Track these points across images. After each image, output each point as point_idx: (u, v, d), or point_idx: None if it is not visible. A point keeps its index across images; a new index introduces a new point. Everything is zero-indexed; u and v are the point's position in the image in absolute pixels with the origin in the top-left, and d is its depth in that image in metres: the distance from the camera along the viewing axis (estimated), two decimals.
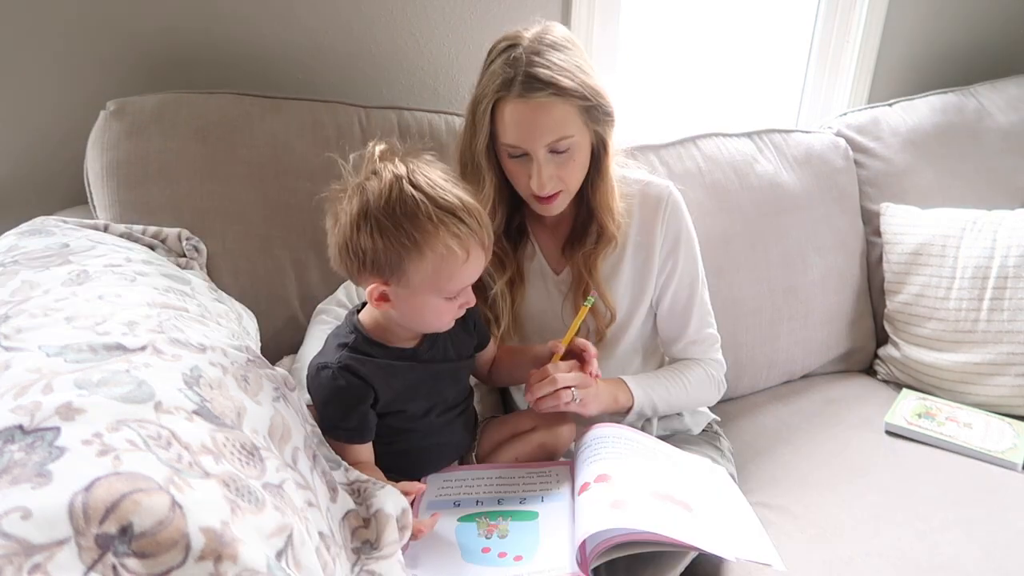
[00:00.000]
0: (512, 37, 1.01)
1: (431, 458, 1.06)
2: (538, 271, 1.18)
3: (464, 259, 0.89)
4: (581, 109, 0.99)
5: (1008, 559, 1.05)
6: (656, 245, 1.14)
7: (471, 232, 0.88)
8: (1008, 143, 1.73)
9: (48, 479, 0.51)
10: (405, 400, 0.98)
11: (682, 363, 1.20)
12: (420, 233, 0.86)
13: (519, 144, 1.00)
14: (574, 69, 0.98)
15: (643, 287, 1.16)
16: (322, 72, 1.37)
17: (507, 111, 0.99)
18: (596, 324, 1.16)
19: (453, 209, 0.87)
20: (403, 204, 0.86)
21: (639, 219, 1.14)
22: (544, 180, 1.01)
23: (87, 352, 0.67)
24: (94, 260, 0.90)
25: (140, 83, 1.25)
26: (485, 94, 1.00)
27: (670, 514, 0.88)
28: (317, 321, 1.17)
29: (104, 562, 0.49)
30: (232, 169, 1.18)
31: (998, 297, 1.43)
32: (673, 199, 1.15)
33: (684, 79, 1.77)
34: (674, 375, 1.17)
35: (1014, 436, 1.32)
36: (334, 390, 0.93)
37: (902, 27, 1.85)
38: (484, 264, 0.94)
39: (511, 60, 0.98)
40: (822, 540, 1.09)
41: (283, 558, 0.60)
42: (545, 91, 0.96)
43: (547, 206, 1.07)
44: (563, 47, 1.00)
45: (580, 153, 1.03)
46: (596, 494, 0.91)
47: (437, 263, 0.88)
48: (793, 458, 1.31)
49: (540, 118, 0.98)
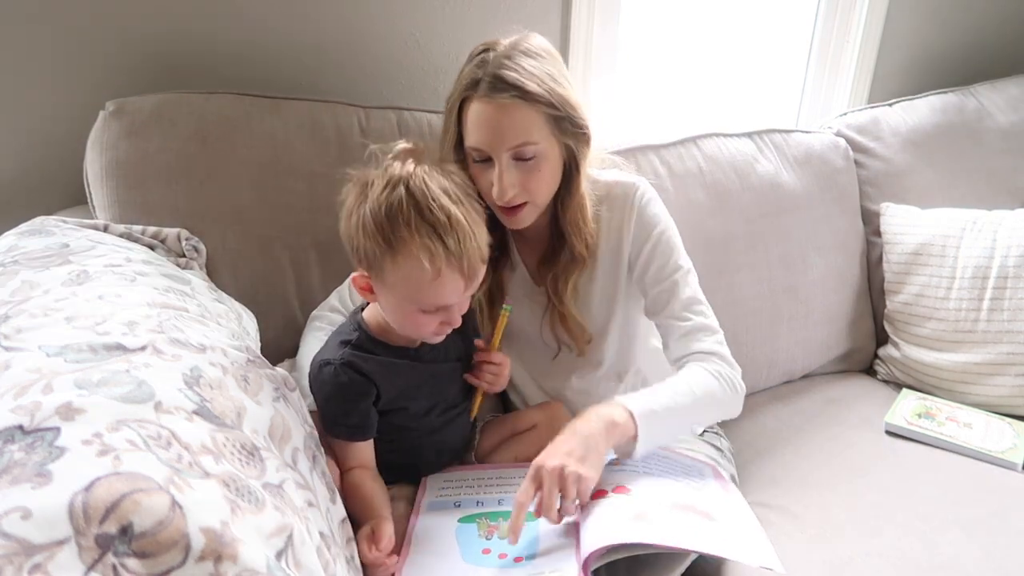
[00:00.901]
0: (489, 43, 1.00)
1: (431, 456, 1.06)
2: (520, 283, 1.17)
3: (433, 276, 0.86)
4: (549, 118, 0.97)
5: (1008, 559, 1.05)
6: (625, 246, 1.11)
7: (447, 252, 0.86)
8: (1008, 143, 1.73)
9: (48, 479, 0.51)
10: (407, 398, 0.98)
11: (680, 371, 1.06)
12: (396, 237, 0.86)
13: (481, 147, 0.98)
14: (544, 76, 0.96)
15: (616, 290, 1.14)
16: (322, 72, 1.37)
17: (472, 111, 0.98)
18: (575, 343, 1.15)
19: (435, 223, 0.85)
20: (390, 204, 0.86)
21: (608, 221, 1.11)
22: (505, 186, 0.98)
23: (87, 352, 0.67)
24: (94, 260, 0.90)
25: (140, 83, 1.25)
26: (453, 94, 1.00)
27: (693, 525, 0.88)
28: (312, 327, 1.16)
29: (104, 562, 0.49)
30: (232, 169, 1.18)
31: (998, 297, 1.43)
32: (639, 195, 1.11)
33: (684, 79, 1.77)
34: (669, 382, 1.03)
35: (1014, 436, 1.32)
36: (336, 386, 0.93)
37: (902, 27, 1.85)
38: (463, 290, 0.90)
39: (481, 62, 0.98)
40: (822, 540, 1.09)
41: (283, 558, 0.60)
42: (508, 92, 0.95)
43: (511, 217, 1.04)
44: (537, 55, 0.98)
45: (547, 164, 1.00)
46: (616, 504, 0.90)
47: (407, 272, 0.87)
48: (793, 458, 1.31)
49: (503, 120, 0.96)
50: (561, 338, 1.16)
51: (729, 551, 0.87)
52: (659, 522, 0.87)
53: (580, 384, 1.20)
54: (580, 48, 1.53)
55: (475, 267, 0.89)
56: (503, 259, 1.15)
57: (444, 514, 0.96)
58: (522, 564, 0.86)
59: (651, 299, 1.11)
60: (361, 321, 0.98)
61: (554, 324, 1.15)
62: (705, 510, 0.92)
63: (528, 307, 1.17)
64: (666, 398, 0.98)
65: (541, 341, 1.18)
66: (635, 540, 0.83)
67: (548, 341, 1.17)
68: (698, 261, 1.18)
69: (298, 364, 1.10)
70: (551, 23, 1.50)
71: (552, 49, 1.02)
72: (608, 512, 0.89)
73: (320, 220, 1.21)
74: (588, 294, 1.14)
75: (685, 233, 1.16)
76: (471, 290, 0.92)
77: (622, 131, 1.45)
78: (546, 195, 1.04)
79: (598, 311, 1.15)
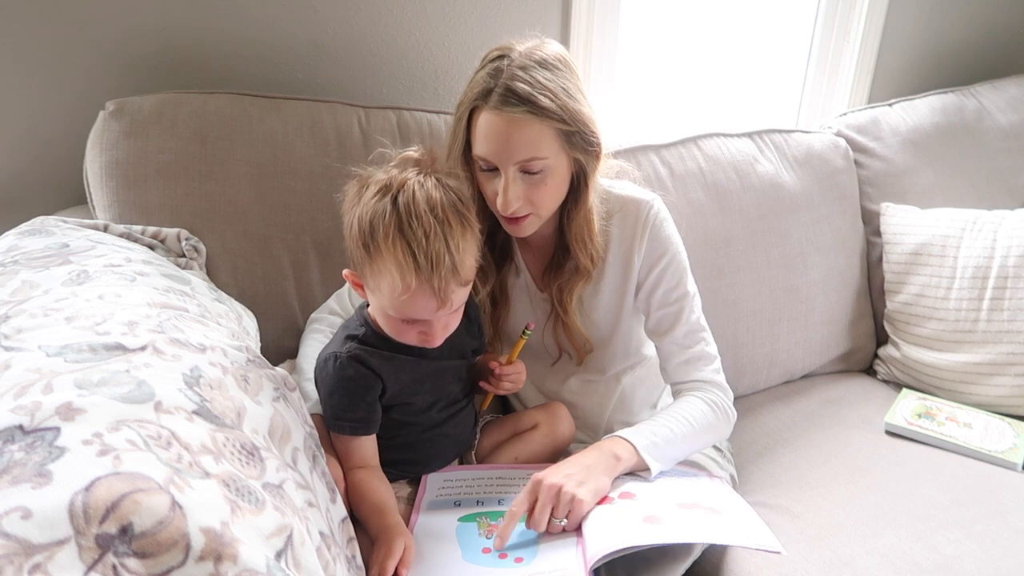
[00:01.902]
0: (504, 48, 0.98)
1: (433, 451, 1.06)
2: (523, 288, 1.17)
3: (403, 291, 0.86)
4: (560, 133, 0.95)
5: (1008, 559, 1.05)
6: (635, 264, 1.10)
7: (418, 270, 0.84)
8: (1008, 143, 1.73)
9: (48, 479, 0.51)
10: (411, 393, 0.99)
11: (682, 400, 1.09)
12: (374, 246, 0.86)
13: (488, 158, 0.97)
14: (558, 90, 0.94)
15: (622, 300, 1.14)
16: (322, 72, 1.37)
17: (481, 122, 0.96)
18: (576, 352, 1.15)
19: (410, 240, 0.84)
20: (375, 213, 0.86)
21: (619, 236, 1.10)
22: (510, 199, 0.97)
23: (87, 352, 0.67)
24: (94, 260, 0.90)
25: (139, 83, 1.25)
26: (464, 101, 0.99)
27: (703, 520, 0.91)
28: (311, 330, 1.16)
29: (104, 562, 0.49)
30: (231, 169, 1.18)
31: (998, 297, 1.43)
32: (653, 215, 1.09)
33: (685, 79, 1.77)
34: (669, 413, 1.06)
35: (1014, 436, 1.32)
36: (341, 380, 0.94)
37: (902, 27, 1.85)
38: (435, 309, 0.88)
39: (495, 71, 0.95)
40: (822, 540, 1.09)
41: (283, 558, 0.60)
42: (521, 107, 0.92)
43: (514, 226, 1.03)
44: (553, 66, 0.96)
45: (554, 178, 0.99)
46: (624, 509, 0.92)
47: (380, 282, 0.88)
48: (793, 458, 1.31)
49: (512, 134, 0.94)
50: (563, 346, 1.16)
51: (740, 539, 0.91)
52: (671, 522, 0.89)
53: (579, 387, 1.20)
54: (580, 48, 1.53)
55: (448, 288, 0.87)
56: (507, 263, 1.15)
57: (444, 513, 0.96)
58: (523, 564, 0.86)
59: (654, 320, 1.12)
60: (367, 316, 0.98)
61: (557, 332, 1.15)
62: (711, 505, 0.94)
63: (529, 308, 1.16)
64: (666, 430, 1.02)
65: (542, 346, 1.18)
66: (651, 542, 0.85)
67: (549, 348, 1.17)
68: (698, 261, 1.18)
69: (298, 367, 1.10)
70: (551, 22, 1.50)
71: (568, 59, 1.00)
72: (616, 516, 0.90)
73: (320, 220, 1.21)
74: (593, 306, 1.14)
75: (685, 233, 1.17)
76: (448, 310, 0.90)
77: (622, 131, 1.45)
78: (550, 207, 1.03)
79: (603, 323, 1.15)
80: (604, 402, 1.19)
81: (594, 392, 1.19)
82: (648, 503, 0.93)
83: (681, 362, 1.11)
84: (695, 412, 1.06)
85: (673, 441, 1.02)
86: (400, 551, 0.85)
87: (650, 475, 0.99)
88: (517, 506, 0.91)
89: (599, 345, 1.17)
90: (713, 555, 1.08)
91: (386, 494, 0.95)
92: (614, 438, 1.01)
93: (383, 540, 0.87)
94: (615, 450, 0.98)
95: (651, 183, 1.38)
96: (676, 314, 1.10)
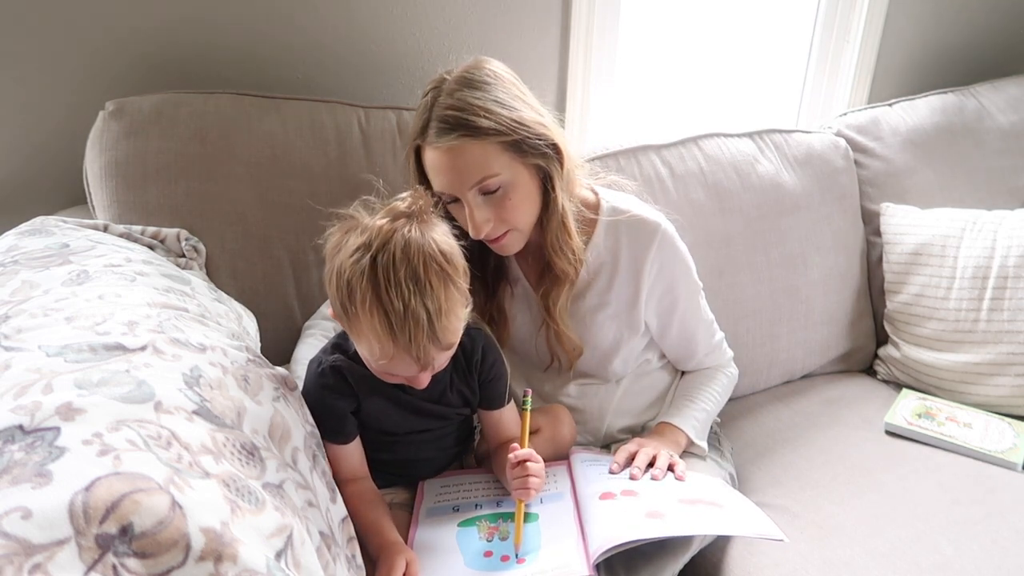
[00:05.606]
0: (437, 79, 0.99)
1: (418, 469, 1.06)
2: (522, 296, 1.16)
3: (381, 356, 0.84)
4: (504, 145, 0.94)
5: (1008, 559, 1.05)
6: (644, 281, 1.10)
7: (395, 340, 0.81)
8: (1008, 143, 1.73)
9: (48, 479, 0.51)
10: (385, 418, 0.97)
11: (703, 375, 1.24)
12: (352, 308, 0.83)
13: (444, 190, 0.97)
14: (490, 104, 0.93)
15: (629, 319, 1.14)
16: (321, 72, 1.37)
17: (427, 158, 0.97)
18: (566, 355, 1.15)
19: (388, 311, 0.80)
20: (352, 275, 0.81)
21: (628, 252, 1.10)
22: (479, 223, 0.97)
23: (87, 352, 0.67)
24: (94, 260, 0.90)
25: (139, 83, 1.25)
26: (408, 142, 1.00)
27: (705, 514, 0.93)
28: (307, 335, 1.16)
29: (104, 562, 0.49)
30: (231, 169, 1.18)
31: (998, 297, 1.43)
32: (664, 235, 1.10)
33: (685, 79, 1.77)
34: (703, 392, 1.21)
35: (1014, 436, 1.32)
36: (318, 387, 0.93)
37: (902, 27, 1.85)
38: (417, 371, 0.86)
39: (427, 104, 0.96)
40: (822, 540, 1.09)
41: (283, 558, 0.60)
42: (454, 133, 0.93)
43: (498, 246, 1.03)
44: (481, 83, 0.95)
45: (517, 191, 0.98)
46: (625, 505, 0.93)
47: (359, 341, 0.86)
48: (793, 458, 1.31)
49: (456, 162, 0.94)
50: (555, 351, 1.16)
51: (742, 529, 0.93)
52: (673, 517, 0.90)
53: (579, 391, 1.20)
54: (580, 48, 1.53)
55: (428, 356, 0.84)
56: (501, 284, 1.15)
57: (443, 520, 0.96)
58: (525, 564, 0.86)
59: (670, 348, 1.22)
60: None
61: (548, 338, 1.14)
62: (712, 500, 0.96)
63: (529, 318, 1.17)
64: (704, 413, 1.18)
65: (535, 351, 1.18)
66: (654, 535, 0.86)
67: (541, 353, 1.17)
68: (699, 261, 1.18)
69: (292, 372, 1.09)
70: (551, 22, 1.50)
71: (501, 72, 0.99)
72: (619, 512, 0.91)
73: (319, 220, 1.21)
74: (599, 320, 1.13)
75: (685, 233, 1.17)
76: (431, 371, 0.88)
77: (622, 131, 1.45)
78: (526, 220, 1.02)
79: (609, 337, 1.15)
80: (604, 406, 1.19)
81: (594, 396, 1.19)
82: (650, 499, 0.94)
83: (703, 357, 1.24)
84: (717, 386, 1.22)
85: (708, 418, 1.19)
86: (402, 568, 0.84)
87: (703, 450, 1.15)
88: (613, 465, 1.03)
89: (602, 357, 1.16)
90: (713, 554, 1.08)
91: (380, 510, 0.94)
92: (669, 426, 1.14)
93: (384, 559, 0.86)
94: (676, 438, 1.13)
95: (651, 183, 1.38)
96: (691, 339, 1.20)
